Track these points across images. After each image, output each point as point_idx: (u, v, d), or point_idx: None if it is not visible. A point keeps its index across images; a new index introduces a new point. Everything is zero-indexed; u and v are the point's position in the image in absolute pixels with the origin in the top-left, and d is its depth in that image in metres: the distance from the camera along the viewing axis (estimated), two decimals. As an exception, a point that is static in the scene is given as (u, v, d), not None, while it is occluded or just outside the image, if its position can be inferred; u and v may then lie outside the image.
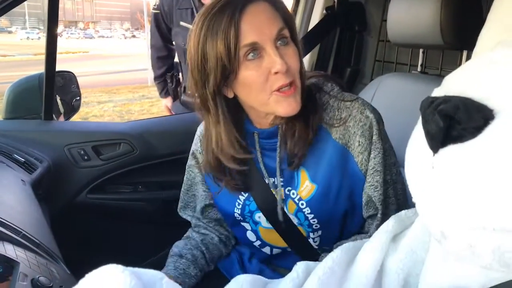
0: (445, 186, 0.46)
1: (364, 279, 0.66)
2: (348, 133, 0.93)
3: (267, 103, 0.87)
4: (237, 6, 0.83)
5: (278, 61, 0.82)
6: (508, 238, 0.43)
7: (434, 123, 0.45)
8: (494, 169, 0.41)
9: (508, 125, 0.41)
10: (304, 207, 0.98)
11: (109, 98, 8.65)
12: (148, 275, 0.50)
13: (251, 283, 0.64)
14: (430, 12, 1.15)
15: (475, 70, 0.47)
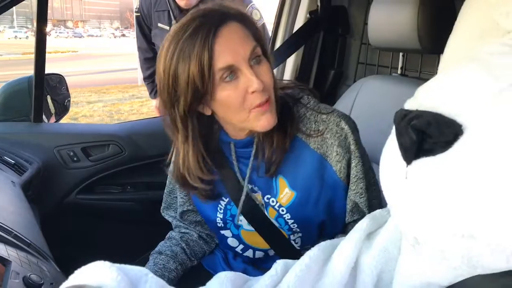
0: (418, 195, 0.48)
1: (338, 276, 0.69)
2: (325, 144, 0.96)
3: (247, 120, 0.89)
4: (210, 28, 0.83)
5: (255, 80, 0.84)
6: (475, 244, 0.46)
7: (407, 137, 0.47)
8: (463, 180, 0.44)
9: (475, 140, 0.43)
10: (284, 213, 1.01)
11: (98, 98, 8.57)
12: (134, 271, 0.54)
13: (232, 280, 0.67)
14: (408, 18, 1.19)
15: (446, 85, 0.50)
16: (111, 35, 51.92)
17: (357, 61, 1.72)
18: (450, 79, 0.50)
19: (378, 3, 1.31)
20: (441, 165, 0.45)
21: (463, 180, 0.43)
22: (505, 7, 0.56)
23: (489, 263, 0.47)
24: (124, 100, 8.38)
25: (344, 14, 1.67)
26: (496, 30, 0.57)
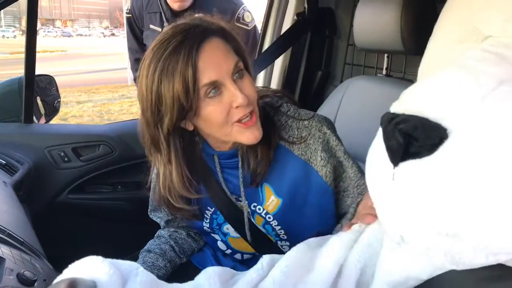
0: (405, 196, 0.50)
1: (326, 273, 0.71)
2: (309, 149, 0.97)
3: (230, 133, 0.89)
4: (193, 45, 0.82)
5: (239, 95, 0.84)
6: (458, 242, 0.48)
7: (394, 140, 0.48)
8: (447, 182, 0.45)
9: (459, 143, 0.45)
10: (271, 220, 1.02)
11: (88, 97, 8.54)
12: (125, 265, 0.56)
13: (219, 274, 0.69)
14: (391, 20, 1.23)
15: (431, 90, 0.51)
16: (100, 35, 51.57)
17: (344, 62, 1.74)
18: (436, 84, 0.51)
19: (363, 5, 1.34)
20: (427, 167, 0.46)
21: (447, 181, 0.45)
22: (487, 12, 0.58)
23: (470, 260, 0.49)
24: (114, 100, 8.36)
25: (331, 16, 1.69)
26: (476, 35, 0.59)
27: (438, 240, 0.48)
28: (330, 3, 1.71)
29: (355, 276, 0.72)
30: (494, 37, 0.57)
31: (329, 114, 1.49)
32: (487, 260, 0.48)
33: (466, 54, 0.54)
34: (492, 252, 0.47)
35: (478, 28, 0.59)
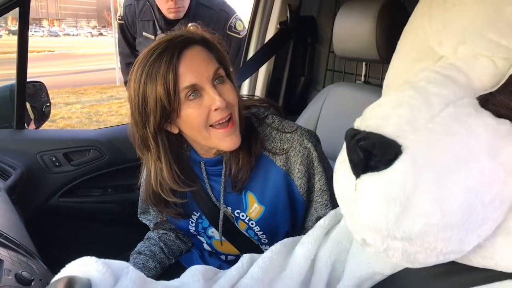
0: (365, 205, 0.54)
1: (298, 267, 0.78)
2: (289, 161, 1.03)
3: (209, 137, 0.95)
4: (174, 52, 0.90)
5: (217, 98, 0.90)
6: (410, 245, 0.52)
7: (356, 154, 0.53)
8: (400, 192, 0.50)
9: (411, 159, 0.50)
10: (254, 226, 1.08)
11: (76, 99, 8.51)
12: (117, 264, 0.62)
13: (203, 272, 0.75)
14: (367, 30, 1.29)
15: (389, 109, 0.56)
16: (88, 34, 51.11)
17: (326, 68, 1.80)
18: (392, 103, 0.57)
19: (342, 16, 1.40)
20: (383, 179, 0.51)
21: (400, 192, 0.50)
22: (441, 34, 0.63)
23: (423, 259, 0.54)
24: (102, 101, 8.34)
25: (313, 24, 1.75)
26: (432, 54, 0.64)
27: (394, 243, 0.53)
28: (312, 11, 1.76)
29: (327, 271, 0.79)
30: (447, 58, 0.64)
31: (312, 118, 1.56)
32: (438, 259, 0.53)
33: (420, 75, 0.60)
34: (442, 252, 0.51)
35: (434, 48, 0.65)
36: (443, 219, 0.49)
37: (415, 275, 0.66)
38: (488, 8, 0.56)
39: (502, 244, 0.53)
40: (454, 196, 0.49)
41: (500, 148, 0.50)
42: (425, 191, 0.49)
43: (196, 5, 2.11)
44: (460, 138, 0.50)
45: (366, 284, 0.74)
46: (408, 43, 0.72)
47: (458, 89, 0.56)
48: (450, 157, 0.49)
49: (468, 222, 0.50)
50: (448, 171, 0.49)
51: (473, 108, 0.54)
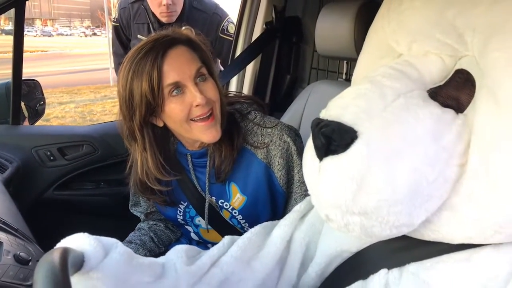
0: (327, 184, 0.60)
1: (274, 247, 0.85)
2: (270, 154, 1.09)
3: (191, 131, 1.01)
4: (159, 51, 0.95)
5: (198, 95, 0.96)
6: (367, 219, 0.59)
7: (319, 140, 0.60)
8: (356, 171, 0.56)
9: (365, 142, 0.56)
10: (237, 215, 1.14)
11: (70, 98, 8.49)
12: (107, 240, 0.68)
13: (186, 250, 0.82)
14: (346, 31, 1.35)
15: (348, 100, 0.63)
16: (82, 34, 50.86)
17: (310, 67, 1.86)
18: (351, 95, 0.64)
19: (323, 17, 1.47)
20: (342, 161, 0.57)
21: (356, 171, 0.56)
22: (396, 36, 0.70)
23: (379, 232, 0.60)
24: (96, 100, 8.33)
25: (298, 24, 1.81)
26: (392, 52, 0.72)
27: (352, 218, 0.60)
28: (297, 12, 1.82)
29: (301, 251, 0.86)
30: (404, 55, 0.71)
31: (296, 114, 1.62)
32: (392, 232, 0.60)
33: (378, 70, 0.67)
34: (394, 225, 0.59)
35: (392, 47, 0.72)
36: (394, 196, 0.56)
37: (378, 251, 0.74)
38: (434, 11, 0.63)
39: (447, 218, 0.60)
40: (402, 175, 0.56)
41: (443, 133, 0.58)
42: (377, 171, 0.56)
43: (190, 8, 2.17)
44: (408, 125, 0.58)
45: (336, 261, 0.80)
46: (372, 43, 0.80)
47: (410, 82, 0.63)
48: (399, 141, 0.57)
49: (415, 198, 0.57)
50: (397, 154, 0.56)
51: (421, 99, 0.61)
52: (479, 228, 0.57)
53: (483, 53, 0.57)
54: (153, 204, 1.26)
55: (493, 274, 0.58)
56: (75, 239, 0.65)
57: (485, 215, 0.56)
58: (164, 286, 0.74)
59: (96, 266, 0.64)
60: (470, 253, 0.61)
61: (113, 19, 2.40)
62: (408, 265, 0.68)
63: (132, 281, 0.70)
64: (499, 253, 0.59)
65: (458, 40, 0.61)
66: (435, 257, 0.65)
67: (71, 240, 0.65)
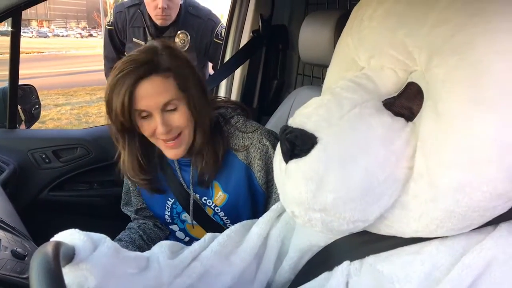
0: (291, 184, 0.66)
1: (252, 243, 0.92)
2: (250, 156, 1.17)
3: (158, 144, 1.10)
4: (136, 78, 0.99)
5: (160, 126, 1.03)
6: (326, 215, 0.65)
7: (284, 145, 0.67)
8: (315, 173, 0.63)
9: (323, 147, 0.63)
10: (219, 211, 1.22)
11: (66, 100, 8.46)
12: (96, 236, 0.75)
13: (169, 245, 0.89)
14: (326, 40, 1.42)
15: (311, 109, 0.69)
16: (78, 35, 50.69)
17: (296, 72, 1.91)
18: (315, 105, 0.70)
19: (306, 25, 1.53)
20: (303, 164, 0.63)
21: (316, 172, 0.63)
22: (357, 51, 0.77)
23: (337, 227, 0.67)
24: (92, 102, 8.30)
25: (284, 32, 1.88)
26: (355, 65, 0.78)
27: (314, 214, 0.66)
28: (283, 20, 1.89)
29: (277, 246, 0.93)
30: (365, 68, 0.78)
31: (282, 118, 1.69)
32: (349, 227, 0.67)
33: (338, 83, 0.75)
34: (351, 220, 0.65)
35: (356, 61, 0.79)
36: (348, 194, 0.63)
37: (342, 245, 0.81)
38: (388, 31, 0.70)
39: (398, 215, 0.67)
40: (355, 176, 0.63)
41: (393, 139, 0.65)
42: (333, 172, 0.63)
43: (185, 14, 2.24)
44: (361, 132, 0.65)
45: (307, 255, 0.87)
46: (339, 56, 0.87)
47: (366, 94, 0.70)
48: (353, 146, 0.64)
49: (368, 196, 0.64)
50: (351, 157, 0.63)
51: (375, 109, 0.68)
52: (424, 223, 0.64)
53: (427, 69, 0.64)
54: (143, 201, 1.32)
55: (438, 264, 0.65)
56: (67, 234, 0.72)
57: (427, 211, 0.63)
58: (148, 277, 0.81)
59: (86, 258, 0.71)
60: (420, 246, 0.68)
61: (108, 23, 2.45)
62: (368, 257, 0.74)
63: (118, 272, 0.77)
64: (444, 246, 0.66)
65: (408, 57, 0.68)
66: (390, 250, 0.72)
67: (63, 235, 0.72)
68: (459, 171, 0.59)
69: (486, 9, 0.59)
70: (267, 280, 0.94)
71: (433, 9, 0.64)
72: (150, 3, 2.15)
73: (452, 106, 0.59)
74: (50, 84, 9.75)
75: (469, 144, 0.58)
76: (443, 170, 0.60)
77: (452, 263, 0.64)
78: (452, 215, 0.61)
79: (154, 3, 2.13)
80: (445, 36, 0.62)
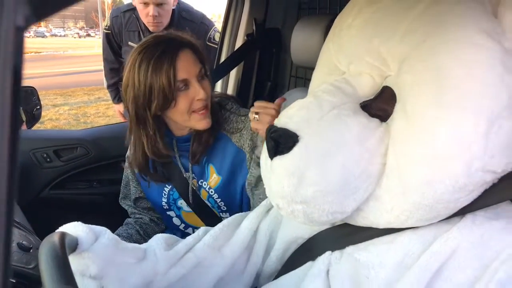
0: (275, 179, 0.71)
1: (242, 236, 0.98)
2: (242, 138, 1.25)
3: (189, 120, 1.17)
4: (172, 53, 1.12)
5: (201, 91, 1.14)
6: (307, 207, 0.69)
7: (269, 143, 0.72)
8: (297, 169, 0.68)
9: (304, 145, 0.68)
10: (213, 193, 1.28)
11: (64, 100, 8.47)
12: (97, 228, 0.82)
13: (165, 238, 0.95)
14: (316, 44, 1.46)
15: (294, 110, 0.75)
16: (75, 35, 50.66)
17: (290, 75, 1.96)
18: (297, 107, 0.76)
19: (298, 30, 1.59)
20: (287, 160, 0.69)
21: (297, 168, 0.69)
22: (338, 57, 0.83)
23: (318, 218, 0.72)
24: (90, 103, 8.32)
25: (278, 35, 1.93)
26: (337, 70, 0.84)
27: (296, 206, 0.72)
28: (277, 24, 1.95)
29: (265, 239, 0.99)
30: (345, 73, 0.85)
31: (275, 118, 1.75)
32: (328, 218, 0.72)
33: (320, 86, 0.81)
34: (330, 212, 0.71)
35: (337, 66, 0.86)
36: (327, 187, 0.69)
37: (324, 237, 0.87)
38: (364, 39, 0.76)
39: (373, 207, 0.73)
40: (333, 171, 0.68)
41: (368, 138, 0.71)
42: (313, 168, 0.69)
43: (179, 18, 2.30)
44: (338, 131, 0.71)
45: (292, 247, 0.93)
46: (322, 61, 0.93)
47: (344, 97, 0.77)
48: (331, 144, 0.70)
49: (345, 189, 0.69)
50: (329, 154, 0.69)
51: (352, 111, 0.74)
52: (395, 214, 0.71)
53: (398, 74, 0.71)
54: (141, 190, 1.38)
55: (409, 252, 0.71)
56: (70, 226, 0.79)
57: (398, 204, 0.69)
58: (145, 267, 0.88)
59: (88, 248, 0.78)
60: (394, 236, 0.74)
61: (105, 27, 2.51)
62: (347, 247, 0.80)
63: (117, 262, 0.83)
64: (416, 235, 0.72)
65: (383, 63, 0.74)
66: (368, 240, 0.78)
67: (68, 227, 0.79)
68: (424, 167, 0.65)
69: (448, 22, 0.66)
70: (256, 271, 1.00)
71: (404, 20, 0.71)
72: (142, 10, 2.21)
73: (418, 108, 0.66)
74: (48, 84, 9.74)
75: (433, 142, 0.64)
76: (411, 166, 0.67)
77: (423, 251, 0.70)
78: (419, 206, 0.67)
79: (145, 11, 2.19)
80: (413, 44, 0.68)
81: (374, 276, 0.74)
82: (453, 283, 0.67)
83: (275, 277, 0.95)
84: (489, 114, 0.62)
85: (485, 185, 0.68)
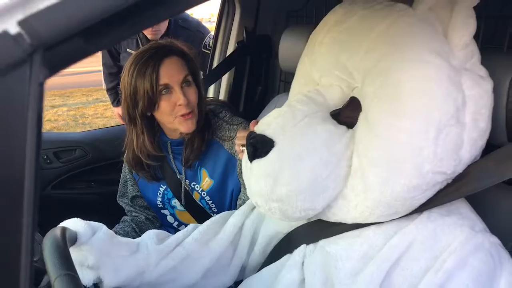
0: (254, 180, 0.78)
1: (228, 232, 1.05)
2: (234, 146, 1.30)
3: (173, 122, 1.23)
4: (157, 59, 1.19)
5: (181, 97, 1.19)
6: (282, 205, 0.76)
7: (249, 148, 0.78)
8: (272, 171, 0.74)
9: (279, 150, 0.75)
10: (205, 196, 1.35)
11: (62, 102, 8.40)
12: (94, 224, 0.91)
13: (157, 234, 1.03)
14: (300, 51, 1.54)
15: (272, 118, 0.81)
16: (74, 36, 50.19)
17: (280, 80, 2.02)
18: (274, 115, 0.83)
19: (285, 37, 1.65)
20: (264, 164, 0.76)
21: (272, 170, 0.75)
22: (312, 70, 0.91)
23: (292, 214, 0.78)
24: (88, 104, 8.23)
25: (268, 42, 2.00)
26: (312, 81, 0.92)
27: (272, 204, 0.79)
28: (267, 31, 2.02)
29: (250, 234, 1.06)
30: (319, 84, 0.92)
31: (265, 122, 1.83)
32: (301, 215, 0.79)
33: (295, 97, 0.89)
34: (302, 209, 0.78)
35: (312, 77, 0.93)
36: (298, 187, 0.76)
37: (301, 231, 0.94)
38: (333, 55, 0.84)
39: (341, 204, 0.81)
40: (304, 172, 0.76)
41: (335, 143, 0.78)
42: (287, 170, 0.76)
43: (175, 26, 2.38)
44: (308, 137, 0.78)
45: (273, 241, 1.01)
46: (300, 72, 0.99)
47: (315, 106, 0.84)
48: (302, 149, 0.77)
49: (314, 189, 0.77)
50: (300, 158, 0.77)
51: (321, 119, 0.82)
52: (359, 211, 0.78)
53: (362, 87, 0.79)
54: (138, 188, 1.45)
55: (373, 245, 0.79)
56: (70, 222, 0.88)
57: (361, 201, 0.77)
58: (138, 259, 0.96)
59: (86, 242, 0.86)
60: (361, 230, 0.82)
61: None
62: (320, 241, 0.88)
63: (113, 254, 0.92)
64: (379, 230, 0.80)
65: (350, 76, 0.82)
66: (338, 234, 0.86)
67: (68, 222, 0.88)
68: (382, 168, 0.74)
69: (403, 42, 0.74)
70: (242, 264, 1.08)
71: (366, 39, 0.79)
72: None
73: (378, 117, 0.75)
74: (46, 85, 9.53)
75: (390, 146, 0.73)
76: (371, 167, 0.75)
77: (384, 244, 0.78)
78: (379, 204, 0.76)
79: None
80: (374, 61, 0.77)
81: (341, 266, 0.82)
82: (409, 272, 0.75)
83: (258, 269, 1.03)
84: (438, 123, 0.71)
85: (438, 185, 0.76)
